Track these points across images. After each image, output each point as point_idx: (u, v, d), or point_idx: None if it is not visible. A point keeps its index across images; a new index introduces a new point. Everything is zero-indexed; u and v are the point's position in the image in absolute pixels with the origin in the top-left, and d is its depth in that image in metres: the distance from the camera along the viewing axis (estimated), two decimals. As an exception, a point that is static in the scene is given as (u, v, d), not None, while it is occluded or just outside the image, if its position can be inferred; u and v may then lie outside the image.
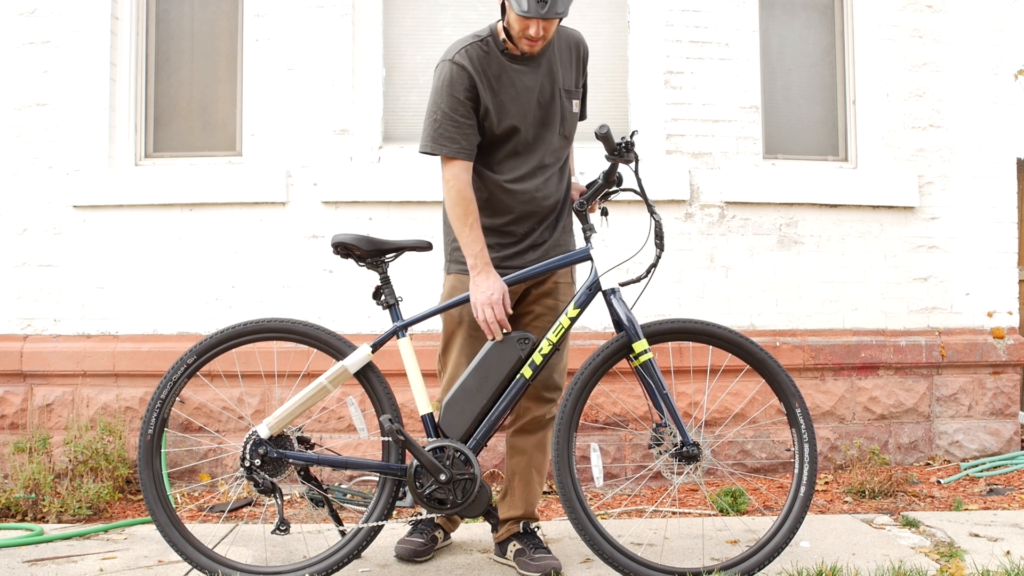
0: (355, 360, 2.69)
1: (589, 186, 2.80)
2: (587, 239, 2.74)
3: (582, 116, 2.99)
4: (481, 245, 2.69)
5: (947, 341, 4.50)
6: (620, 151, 2.68)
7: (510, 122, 2.76)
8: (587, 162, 4.18)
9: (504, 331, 2.68)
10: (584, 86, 2.96)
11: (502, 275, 2.75)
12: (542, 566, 2.77)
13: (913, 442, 4.46)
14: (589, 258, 2.75)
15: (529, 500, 2.95)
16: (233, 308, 4.29)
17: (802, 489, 2.68)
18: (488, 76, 2.72)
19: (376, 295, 2.77)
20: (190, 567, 2.74)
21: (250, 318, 2.83)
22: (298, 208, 4.33)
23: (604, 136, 2.63)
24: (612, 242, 4.21)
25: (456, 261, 2.89)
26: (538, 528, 3.16)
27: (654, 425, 2.68)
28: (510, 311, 2.71)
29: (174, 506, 2.82)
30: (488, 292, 2.65)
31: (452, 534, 3.15)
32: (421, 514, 2.70)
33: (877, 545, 3.09)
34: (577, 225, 2.82)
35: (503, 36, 2.72)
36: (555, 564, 2.79)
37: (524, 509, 2.94)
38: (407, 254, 2.86)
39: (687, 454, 2.64)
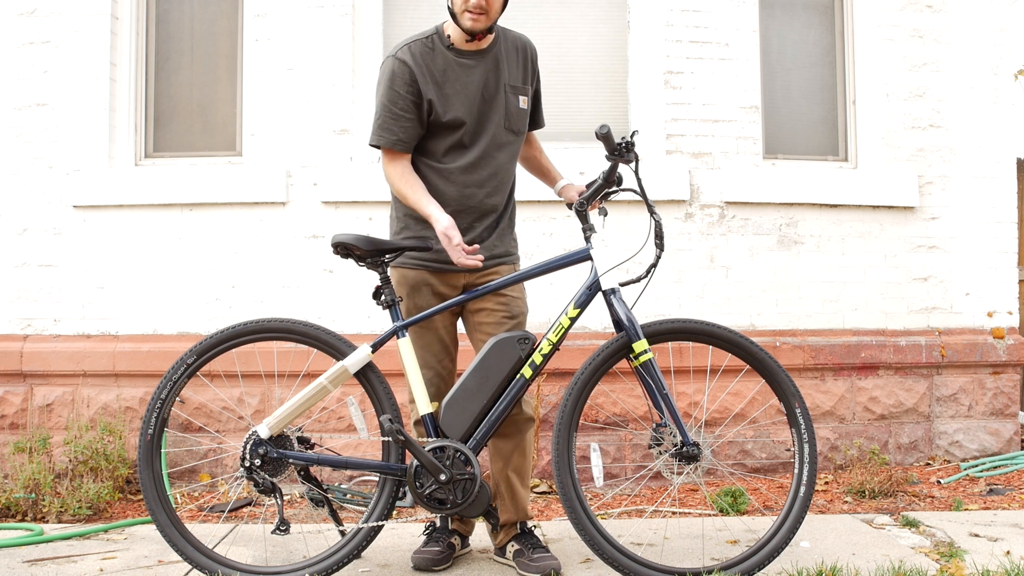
0: (355, 360, 2.69)
1: (589, 186, 2.80)
2: (587, 239, 2.74)
3: (539, 124, 3.04)
4: (427, 197, 2.76)
5: (947, 341, 4.50)
6: (620, 151, 2.68)
7: (455, 113, 2.81)
8: (587, 162, 4.18)
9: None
10: (537, 92, 3.00)
11: (451, 270, 2.83)
12: (542, 566, 2.77)
13: (913, 442, 4.46)
14: (589, 258, 2.74)
15: (519, 503, 2.94)
16: (233, 308, 4.29)
17: (802, 489, 2.67)
18: (432, 71, 2.79)
19: (376, 295, 2.77)
20: (190, 567, 2.74)
21: (250, 318, 2.83)
22: (298, 208, 4.33)
23: (604, 136, 2.63)
24: (612, 242, 4.21)
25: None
26: (536, 528, 3.16)
27: (654, 425, 2.68)
28: (463, 245, 2.70)
29: (174, 506, 2.82)
30: (444, 221, 2.69)
31: (470, 539, 3.10)
32: (436, 519, 2.67)
33: (877, 545, 3.09)
34: (577, 225, 2.83)
35: (448, 32, 2.81)
36: (555, 564, 2.79)
37: (517, 514, 2.93)
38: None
39: (687, 454, 2.64)
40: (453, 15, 2.75)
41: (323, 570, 2.63)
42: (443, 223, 2.69)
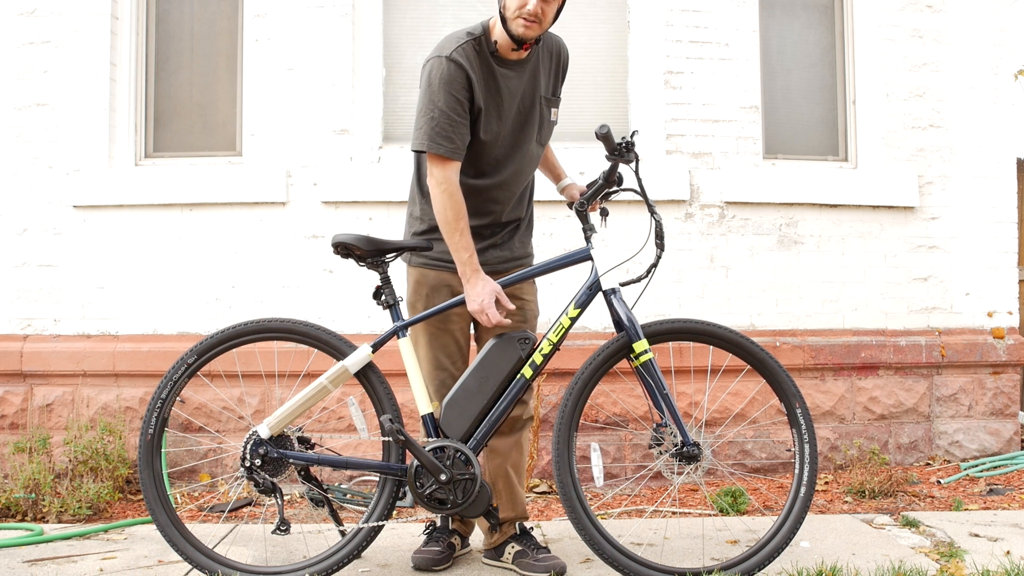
0: (355, 360, 2.69)
1: (589, 186, 2.79)
2: (587, 239, 2.74)
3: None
4: (471, 251, 2.66)
5: (947, 341, 4.50)
6: (620, 151, 2.68)
7: (493, 126, 2.73)
8: (587, 162, 4.18)
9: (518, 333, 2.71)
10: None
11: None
12: (548, 565, 2.77)
13: (913, 442, 4.46)
14: (589, 258, 2.74)
15: (517, 500, 2.94)
16: (233, 308, 4.29)
17: (802, 489, 2.67)
18: (481, 76, 2.69)
19: (376, 295, 2.76)
20: (190, 567, 2.74)
21: (250, 318, 2.83)
22: (298, 208, 4.33)
23: (604, 136, 2.62)
24: (612, 242, 4.21)
25: (417, 254, 2.87)
26: (535, 528, 3.15)
27: (654, 425, 2.68)
28: (511, 306, 2.69)
29: (174, 506, 2.81)
30: (479, 299, 2.64)
31: (470, 539, 3.09)
32: (436, 519, 2.67)
33: (877, 545, 3.09)
34: (577, 225, 2.82)
35: (494, 37, 2.70)
36: (559, 563, 2.79)
37: (515, 510, 2.93)
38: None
39: (687, 454, 2.63)
40: (504, 19, 2.63)
41: (323, 570, 2.63)
42: (478, 301, 2.62)
